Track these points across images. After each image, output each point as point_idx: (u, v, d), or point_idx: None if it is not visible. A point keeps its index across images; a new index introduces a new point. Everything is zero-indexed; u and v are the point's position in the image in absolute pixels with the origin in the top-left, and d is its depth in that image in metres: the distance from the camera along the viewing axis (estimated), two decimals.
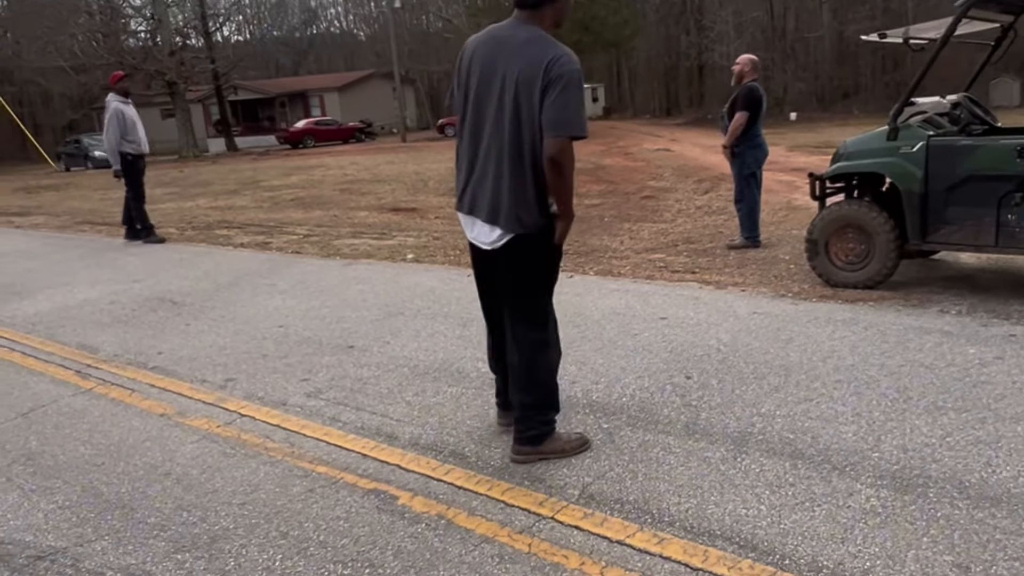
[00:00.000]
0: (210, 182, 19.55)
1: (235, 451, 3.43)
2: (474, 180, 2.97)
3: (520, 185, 2.86)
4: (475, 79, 2.89)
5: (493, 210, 2.91)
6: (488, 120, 2.88)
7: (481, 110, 2.89)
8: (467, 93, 2.92)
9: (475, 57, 2.89)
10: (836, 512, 2.60)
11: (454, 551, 2.54)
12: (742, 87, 7.21)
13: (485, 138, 2.91)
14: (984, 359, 3.92)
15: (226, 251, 9.02)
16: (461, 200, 3.04)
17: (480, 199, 2.95)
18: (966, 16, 5.10)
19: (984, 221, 4.95)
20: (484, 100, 2.87)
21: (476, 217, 2.98)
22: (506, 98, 2.80)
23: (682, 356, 4.25)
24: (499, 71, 2.81)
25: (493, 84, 2.83)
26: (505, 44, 2.83)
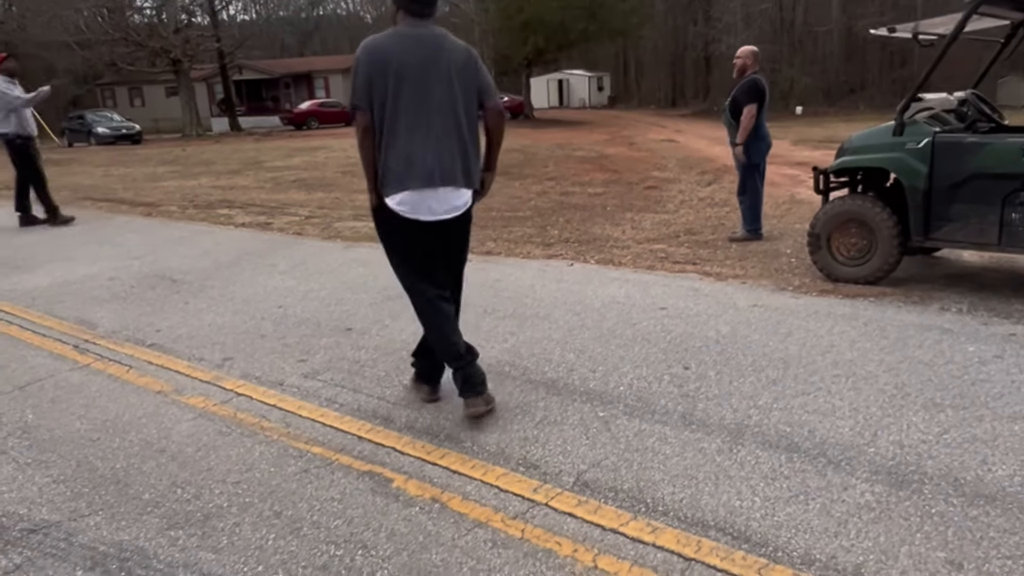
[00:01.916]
0: (213, 161, 19.51)
1: (231, 430, 3.42)
2: (445, 155, 3.23)
3: (475, 149, 3.36)
4: (411, 73, 3.18)
5: (465, 175, 3.29)
6: (437, 104, 3.21)
7: (426, 98, 3.20)
8: (399, 87, 3.18)
9: (402, 56, 3.18)
10: (830, 506, 2.60)
11: (447, 535, 2.54)
12: (744, 80, 7.14)
13: (438, 119, 3.22)
14: (983, 357, 3.91)
15: (227, 230, 9.00)
16: (429, 176, 3.21)
17: (453, 170, 3.25)
18: (976, 12, 5.06)
19: (988, 219, 4.93)
20: (428, 89, 3.20)
21: (450, 186, 3.25)
22: (454, 83, 3.23)
23: (681, 347, 4.24)
24: (440, 63, 3.22)
25: (436, 74, 3.21)
26: (428, 42, 3.24)
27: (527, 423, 3.35)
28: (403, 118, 3.19)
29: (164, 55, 34.43)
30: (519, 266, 6.48)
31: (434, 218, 3.27)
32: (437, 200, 3.25)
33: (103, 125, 33.13)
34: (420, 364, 3.73)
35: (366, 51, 3.21)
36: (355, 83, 3.23)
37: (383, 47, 3.20)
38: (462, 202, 3.33)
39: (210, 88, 44.54)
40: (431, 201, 3.24)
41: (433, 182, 3.21)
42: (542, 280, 5.91)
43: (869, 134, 5.66)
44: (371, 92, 3.19)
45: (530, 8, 33.64)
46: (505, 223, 8.87)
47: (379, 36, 3.26)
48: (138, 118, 37.96)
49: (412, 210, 3.24)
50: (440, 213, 3.27)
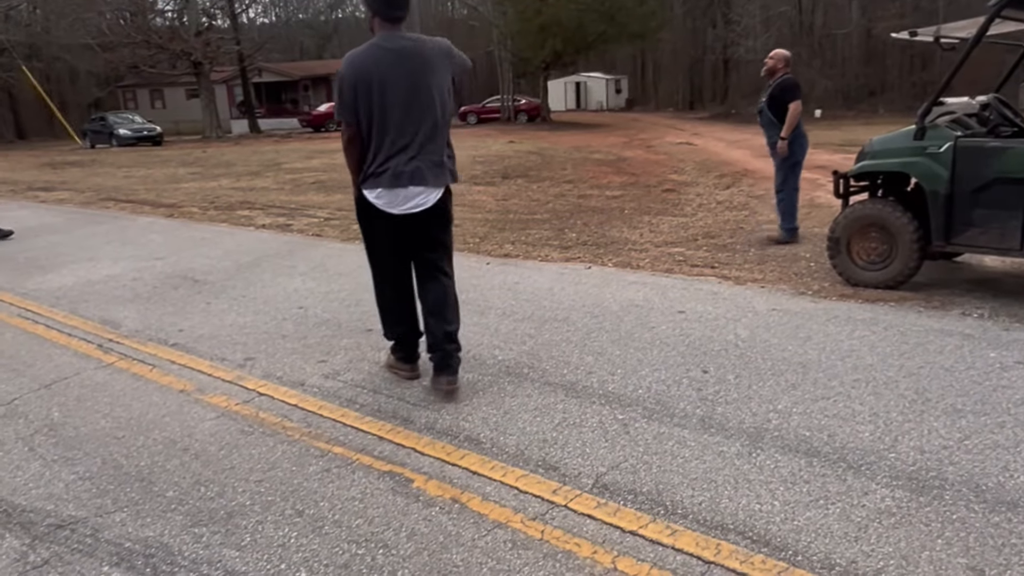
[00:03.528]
0: (233, 163, 19.67)
1: (253, 429, 3.47)
2: (418, 157, 3.59)
3: (449, 148, 3.76)
4: (390, 82, 3.51)
5: (435, 176, 3.65)
6: (416, 115, 3.56)
7: (409, 102, 3.53)
8: (384, 95, 3.51)
9: (377, 69, 3.50)
10: (850, 511, 2.60)
11: (467, 535, 2.56)
12: (782, 79, 7.17)
13: (417, 129, 3.57)
14: (1005, 363, 3.89)
15: (247, 232, 9.08)
16: (400, 176, 3.57)
17: (423, 169, 3.60)
18: (999, 16, 5.03)
19: (1010, 224, 4.89)
20: (408, 102, 3.53)
21: (421, 186, 3.61)
22: (432, 90, 3.57)
23: (699, 350, 4.24)
24: (416, 73, 3.53)
25: (416, 86, 3.53)
26: (403, 52, 3.53)
27: (546, 425, 3.37)
28: (385, 127, 3.56)
29: (185, 58, 34.75)
30: (537, 269, 6.50)
31: (403, 212, 3.65)
32: (406, 196, 3.62)
33: (124, 127, 33.42)
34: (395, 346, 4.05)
35: (351, 67, 3.54)
36: (341, 97, 3.59)
37: (366, 62, 3.53)
38: (431, 198, 3.66)
39: (230, 90, 44.90)
40: (401, 197, 3.62)
41: (402, 182, 3.59)
42: (560, 283, 5.92)
43: (890, 138, 5.64)
44: (356, 106, 3.55)
45: (548, 11, 33.65)
46: (523, 225, 8.89)
47: (360, 51, 3.58)
48: (159, 120, 38.31)
49: (386, 204, 3.64)
50: (409, 208, 3.64)
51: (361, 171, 3.68)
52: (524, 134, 27.41)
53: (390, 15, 3.57)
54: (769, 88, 7.30)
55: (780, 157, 7.19)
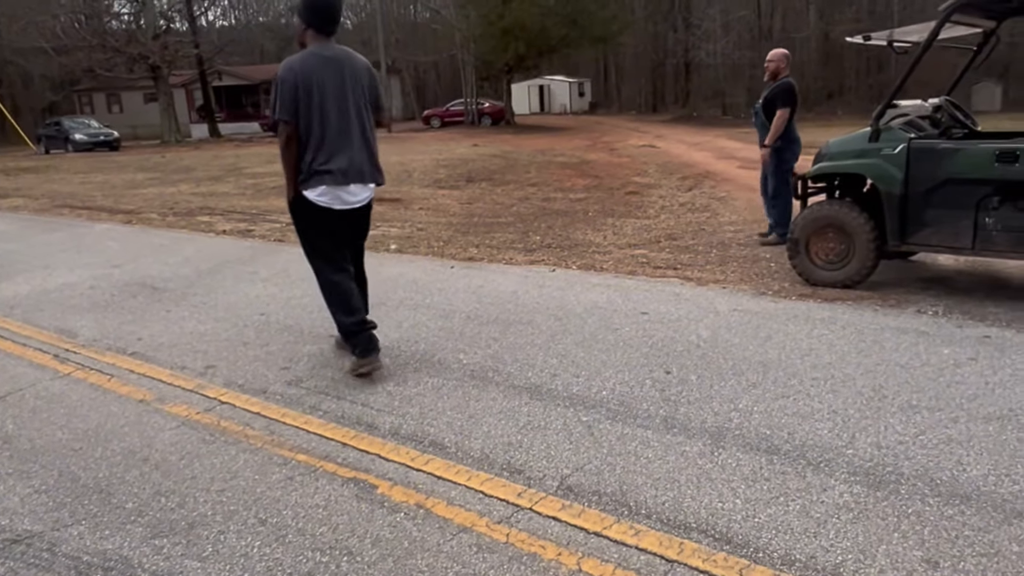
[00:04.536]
0: (192, 168, 19.40)
1: (214, 438, 3.42)
2: (356, 156, 3.94)
3: (377, 149, 4.11)
4: (328, 87, 3.84)
5: (372, 172, 4.05)
6: (351, 116, 3.92)
7: (345, 107, 3.90)
8: (324, 99, 3.83)
9: (317, 74, 3.83)
10: (810, 507, 2.64)
11: (432, 540, 2.55)
12: (779, 83, 7.14)
13: (352, 128, 3.93)
14: (958, 360, 3.98)
15: (208, 238, 8.96)
16: (344, 174, 3.90)
17: (363, 167, 3.98)
18: (950, 20, 5.16)
19: (962, 224, 5.01)
20: (345, 104, 3.90)
21: (361, 183, 3.98)
22: (361, 98, 3.97)
23: (662, 351, 4.28)
24: (351, 81, 3.92)
25: (349, 91, 3.91)
26: (337, 60, 3.90)
27: (511, 428, 3.37)
28: (325, 128, 3.85)
29: (142, 61, 34.17)
30: (502, 272, 6.50)
31: (345, 207, 3.97)
32: (348, 193, 3.96)
33: (80, 132, 32.78)
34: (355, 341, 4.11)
35: (292, 71, 3.80)
36: (282, 98, 3.80)
37: (307, 68, 3.81)
38: (367, 194, 4.08)
39: (189, 94, 44.26)
40: (343, 194, 3.94)
41: (348, 179, 3.92)
42: (524, 286, 5.94)
43: (846, 140, 5.75)
44: (297, 107, 3.79)
45: (511, 14, 33.73)
46: (487, 229, 8.90)
47: (299, 57, 3.86)
48: (116, 125, 37.60)
49: (329, 201, 3.92)
50: (350, 203, 3.99)
51: (299, 171, 3.90)
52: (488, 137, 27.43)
53: (326, 29, 3.94)
54: (768, 89, 7.27)
55: (773, 163, 7.18)
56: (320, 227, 4.01)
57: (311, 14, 3.91)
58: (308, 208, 3.94)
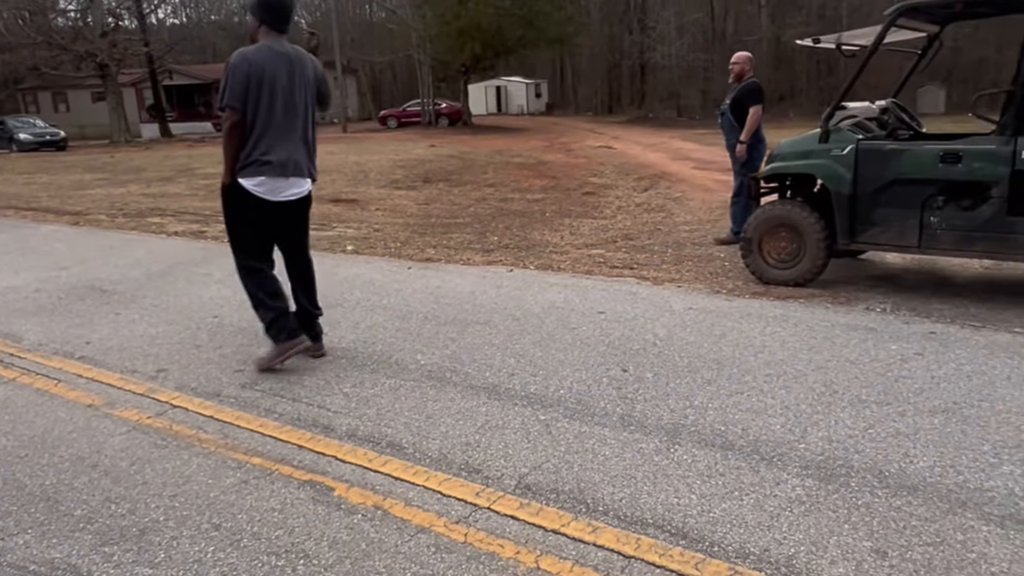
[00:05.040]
0: (143, 168, 19.00)
1: (166, 442, 3.36)
2: (297, 151, 4.04)
3: (315, 147, 4.22)
4: (279, 81, 3.92)
5: (309, 167, 4.14)
6: (296, 111, 4.02)
7: (291, 101, 3.98)
8: (272, 91, 3.90)
9: (270, 66, 3.90)
10: (764, 501, 2.69)
11: (390, 541, 2.54)
12: (746, 83, 7.25)
13: (296, 123, 4.03)
14: (905, 355, 4.09)
15: (159, 239, 8.79)
16: (284, 166, 3.98)
17: (301, 162, 4.07)
18: (895, 25, 5.29)
19: (908, 223, 5.14)
20: (292, 99, 3.98)
21: (299, 177, 4.07)
22: (307, 95, 4.08)
23: (619, 350, 4.32)
24: (300, 78, 4.01)
25: (297, 87, 4.00)
26: (288, 56, 3.98)
27: (469, 428, 3.37)
28: (271, 120, 3.92)
29: (90, 59, 33.32)
30: (459, 272, 6.49)
31: (280, 199, 4.04)
32: (287, 185, 4.03)
33: (25, 131, 31.88)
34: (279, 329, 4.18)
35: (246, 60, 3.86)
36: (232, 85, 3.86)
37: (260, 59, 3.88)
38: (304, 188, 4.14)
39: (139, 93, 43.35)
40: (281, 186, 4.01)
41: (287, 172, 4.00)
42: (482, 286, 5.93)
43: (797, 141, 5.86)
44: (247, 94, 3.86)
45: (467, 15, 33.70)
46: (445, 230, 8.88)
47: (253, 49, 3.92)
48: (63, 124, 36.64)
49: (265, 192, 3.98)
50: (286, 196, 4.05)
51: (237, 159, 3.95)
52: (445, 138, 27.37)
53: (279, 26, 4.02)
54: (734, 91, 7.37)
55: (740, 161, 7.25)
56: (252, 217, 4.06)
57: (265, 11, 3.99)
58: (243, 197, 3.99)
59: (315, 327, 4.42)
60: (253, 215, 4.05)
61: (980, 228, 4.91)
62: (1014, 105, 4.90)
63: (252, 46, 3.95)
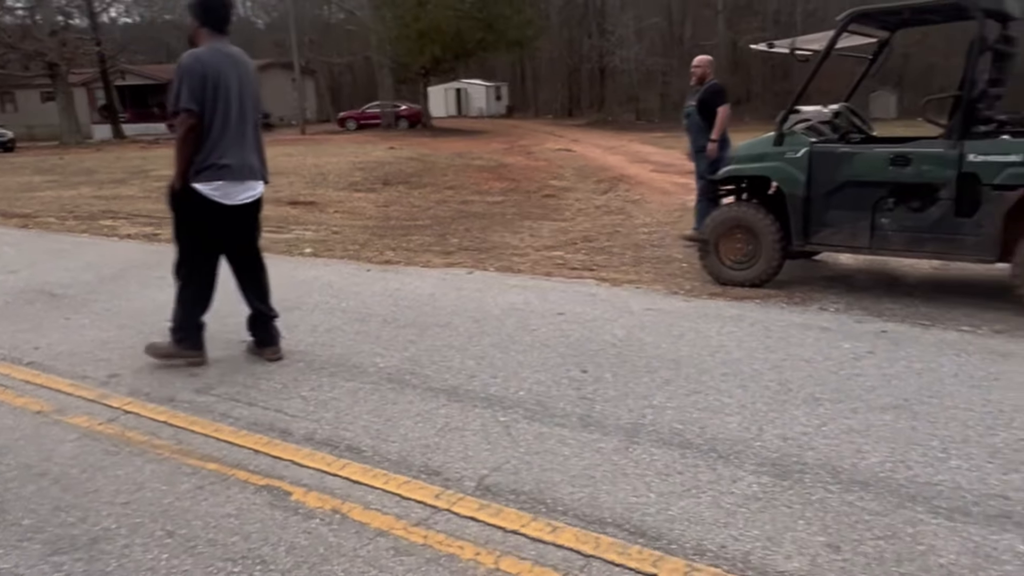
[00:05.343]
0: (94, 170, 18.58)
1: (118, 449, 3.28)
2: (250, 154, 4.05)
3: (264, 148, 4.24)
4: (231, 83, 3.92)
5: (262, 169, 4.17)
6: (247, 113, 4.02)
7: (242, 104, 3.99)
8: (227, 95, 3.90)
9: (222, 69, 3.90)
10: (720, 498, 2.72)
11: (349, 545, 2.51)
12: (709, 85, 7.34)
13: (248, 126, 4.04)
14: (858, 353, 4.17)
15: (111, 242, 8.61)
16: (240, 170, 3.98)
17: (255, 165, 4.09)
18: (846, 30, 5.41)
19: (860, 224, 5.26)
20: (242, 102, 3.99)
21: (253, 179, 4.07)
22: (253, 95, 4.09)
23: (578, 351, 4.34)
24: (246, 79, 4.02)
25: (245, 89, 4.01)
26: (235, 58, 4.00)
27: (429, 431, 3.36)
28: (226, 124, 3.91)
29: (39, 58, 32.53)
30: (419, 275, 6.47)
31: (235, 203, 4.01)
32: (242, 189, 4.02)
33: None
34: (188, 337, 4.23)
35: (200, 62, 3.84)
36: (189, 87, 3.81)
37: (211, 62, 3.87)
38: (258, 191, 4.15)
39: (91, 93, 42.42)
40: (237, 189, 4.00)
41: (243, 176, 4.00)
42: (442, 288, 5.92)
43: (752, 144, 5.95)
44: (204, 98, 3.83)
45: (427, 17, 33.59)
46: (404, 232, 8.84)
47: (203, 51, 3.90)
48: (10, 124, 35.64)
49: (221, 196, 3.95)
50: (241, 199, 4.04)
51: (192, 163, 3.90)
52: (405, 140, 27.25)
53: (221, 27, 4.01)
54: (697, 93, 7.43)
55: (708, 160, 7.29)
56: (206, 222, 4.03)
57: (205, 13, 3.98)
58: (197, 202, 3.95)
59: (271, 330, 4.40)
60: (207, 220, 4.02)
61: (929, 229, 5.03)
62: (961, 109, 5.03)
63: (202, 48, 3.93)
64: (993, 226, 4.80)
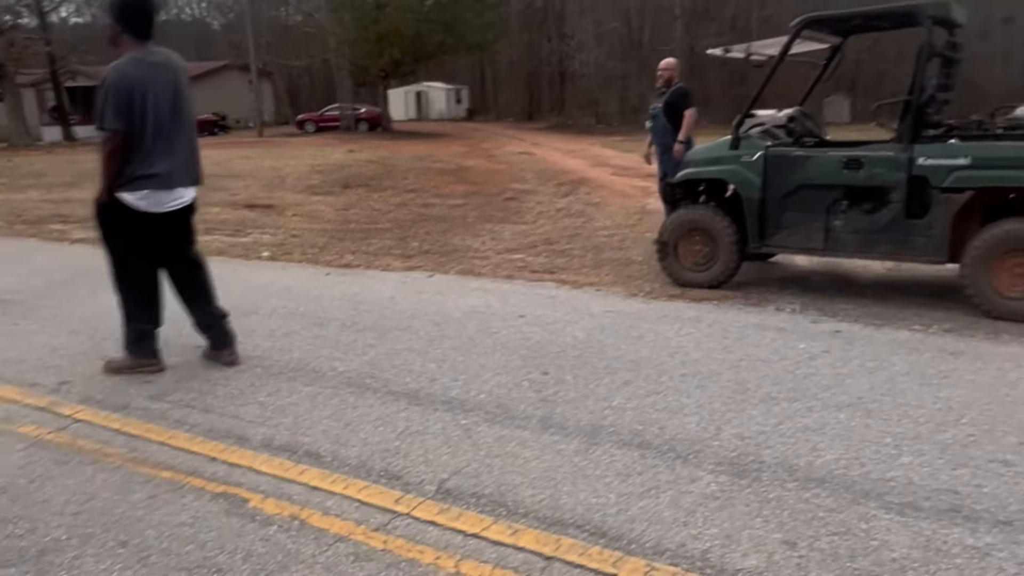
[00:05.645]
0: (44, 173, 18.12)
1: (69, 458, 3.20)
2: (184, 160, 3.97)
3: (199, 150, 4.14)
4: (160, 93, 3.81)
5: (193, 176, 4.07)
6: (179, 120, 3.92)
7: (175, 111, 3.89)
8: (157, 106, 3.79)
9: (149, 81, 3.78)
10: (679, 497, 2.74)
11: (307, 551, 2.48)
12: (676, 88, 7.44)
13: (179, 133, 3.93)
14: (813, 353, 4.25)
15: (61, 246, 8.41)
16: (169, 177, 3.89)
17: (189, 171, 4.03)
18: (800, 36, 5.51)
19: (814, 226, 5.35)
20: (173, 110, 3.88)
21: (186, 186, 4.01)
22: (187, 99, 3.99)
23: (539, 353, 4.34)
24: (175, 83, 3.91)
25: (176, 95, 3.90)
26: (163, 65, 3.89)
27: (389, 435, 3.33)
28: (156, 136, 3.81)
29: None
30: (378, 278, 6.43)
31: (164, 210, 3.93)
32: (171, 196, 3.94)
33: None
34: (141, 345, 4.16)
35: (126, 78, 3.72)
36: (115, 106, 3.69)
37: (135, 74, 3.74)
38: (189, 196, 4.06)
39: (40, 95, 41.33)
40: (165, 197, 3.91)
41: (173, 183, 3.91)
42: (402, 292, 5.89)
43: (709, 148, 6.03)
44: (131, 115, 3.71)
45: (386, 19, 33.40)
46: (364, 235, 8.78)
47: (126, 63, 3.76)
48: None
49: (148, 204, 3.86)
50: (171, 206, 3.96)
51: (120, 175, 3.79)
52: (365, 143, 27.05)
53: (144, 32, 3.85)
54: (664, 95, 7.50)
55: (674, 161, 7.34)
56: (135, 232, 3.94)
57: (127, 18, 3.82)
58: (124, 212, 3.86)
59: (226, 330, 4.32)
60: (136, 230, 3.93)
61: (881, 231, 5.14)
62: (911, 114, 5.15)
63: (127, 60, 3.77)
64: (942, 228, 4.92)
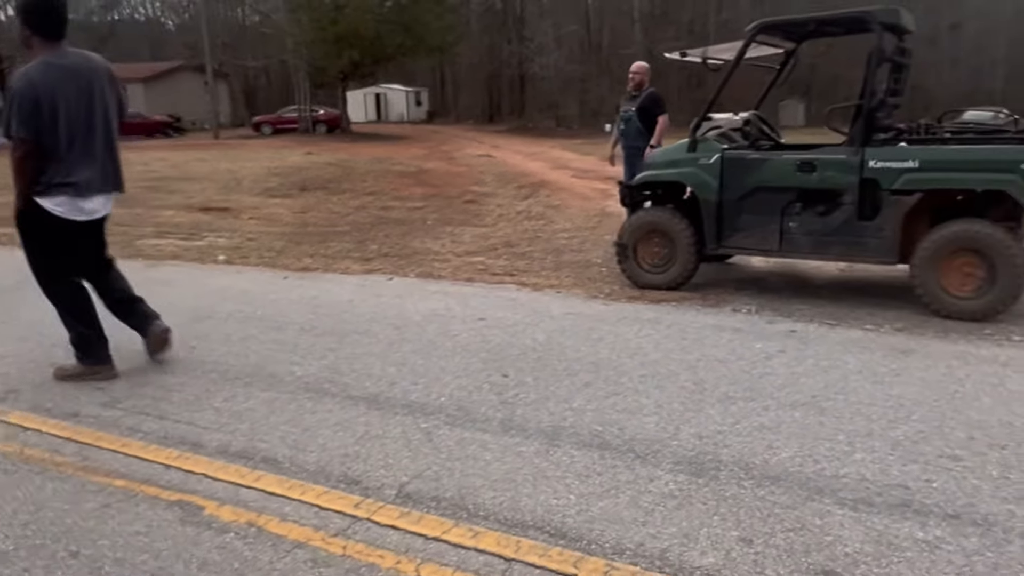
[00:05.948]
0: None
1: (16, 468, 3.12)
2: (99, 167, 3.85)
3: (120, 157, 4.03)
4: (72, 100, 3.68)
5: (114, 182, 3.98)
6: (93, 126, 3.78)
7: (90, 117, 3.77)
8: (68, 113, 3.66)
9: (58, 87, 3.64)
10: (638, 497, 2.76)
11: (264, 559, 2.45)
12: (648, 93, 7.48)
13: (98, 135, 3.82)
14: (769, 353, 4.31)
15: (9, 252, 8.17)
16: (87, 185, 3.80)
17: (109, 177, 3.92)
18: (755, 41, 5.59)
19: (769, 228, 5.44)
20: (88, 109, 3.75)
21: (104, 193, 3.92)
22: (104, 103, 3.84)
23: (499, 355, 4.35)
24: (91, 88, 3.77)
25: (90, 100, 3.76)
26: (76, 69, 3.74)
27: (348, 439, 3.30)
28: (70, 144, 3.70)
29: None
30: (337, 282, 6.37)
31: (85, 218, 3.87)
32: (91, 203, 3.86)
33: None
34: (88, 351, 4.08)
35: (33, 86, 3.58)
36: (20, 115, 3.56)
37: (42, 81, 3.61)
38: (108, 205, 4.01)
39: None
40: (84, 204, 3.83)
41: (90, 191, 3.82)
42: (361, 295, 5.85)
43: (668, 151, 6.09)
44: (39, 123, 3.59)
45: (345, 21, 33.13)
46: (323, 238, 8.70)
47: (38, 69, 3.63)
48: None
49: (67, 212, 3.78)
50: (91, 214, 3.89)
51: (36, 183, 3.70)
52: (323, 145, 26.82)
53: (56, 33, 3.71)
54: (637, 99, 7.52)
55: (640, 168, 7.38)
56: (56, 239, 3.88)
57: (37, 19, 3.68)
58: (43, 219, 3.77)
59: (144, 309, 4.30)
60: (58, 238, 3.87)
61: (834, 233, 5.25)
62: (862, 118, 5.27)
63: (35, 66, 3.64)
64: (892, 229, 5.04)
